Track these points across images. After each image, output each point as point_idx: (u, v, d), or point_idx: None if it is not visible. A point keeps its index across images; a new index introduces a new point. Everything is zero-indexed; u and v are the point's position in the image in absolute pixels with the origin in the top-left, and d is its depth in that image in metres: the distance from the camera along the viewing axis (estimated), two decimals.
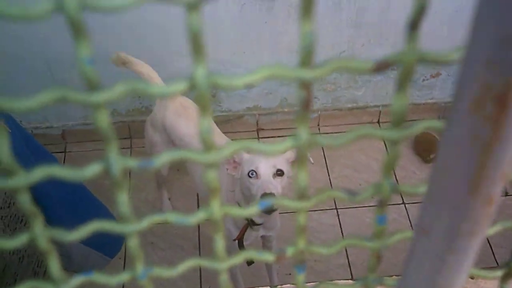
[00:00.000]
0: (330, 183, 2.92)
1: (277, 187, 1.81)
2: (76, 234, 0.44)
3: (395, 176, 2.93)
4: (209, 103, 0.37)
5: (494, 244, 2.66)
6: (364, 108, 3.14)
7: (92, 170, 0.41)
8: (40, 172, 0.41)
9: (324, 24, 2.71)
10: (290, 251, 0.44)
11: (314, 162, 2.14)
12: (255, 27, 2.72)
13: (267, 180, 1.82)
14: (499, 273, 0.44)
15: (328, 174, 2.95)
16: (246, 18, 2.67)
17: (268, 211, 1.88)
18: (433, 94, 3.10)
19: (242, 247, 2.10)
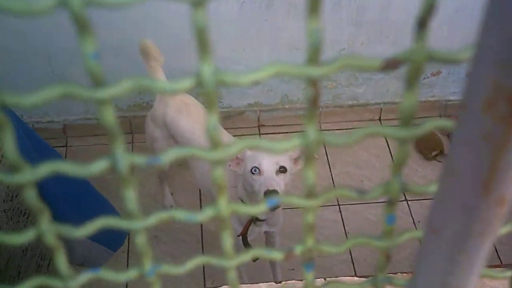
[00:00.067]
0: (332, 180, 2.91)
1: (280, 184, 1.81)
2: (83, 231, 0.44)
3: None
4: (215, 100, 0.37)
5: (497, 242, 2.66)
6: (365, 106, 3.14)
7: (98, 167, 0.40)
8: (46, 168, 0.41)
9: (324, 22, 2.70)
10: (298, 250, 0.44)
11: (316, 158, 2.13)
12: (255, 24, 2.71)
13: (270, 177, 1.82)
14: (509, 273, 0.44)
15: (330, 170, 2.94)
16: (246, 15, 2.67)
17: (272, 210, 1.88)
18: (433, 92, 3.09)
19: (246, 242, 2.10)
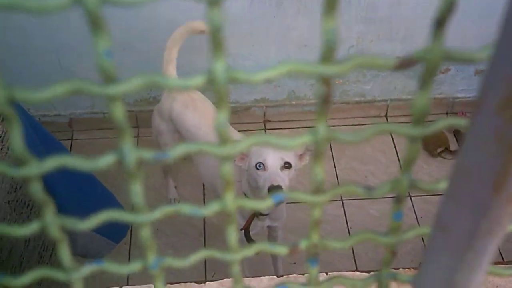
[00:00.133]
0: (336, 175, 2.91)
1: (284, 180, 1.81)
2: (87, 223, 0.44)
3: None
4: (227, 97, 0.37)
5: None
6: (371, 102, 3.13)
7: (105, 161, 0.40)
8: (53, 162, 0.41)
9: None
10: (303, 245, 0.44)
11: None
12: (264, 21, 2.71)
13: (275, 172, 1.82)
14: None
15: (334, 166, 2.94)
16: (256, 12, 2.66)
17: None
18: (442, 89, 3.08)
19: (249, 237, 2.10)
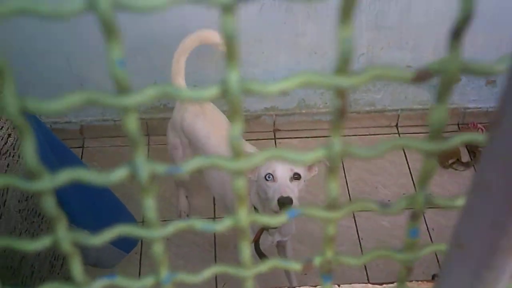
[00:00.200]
0: (347, 186, 2.89)
1: (294, 191, 1.80)
2: (100, 238, 0.43)
3: (413, 181, 2.90)
4: (240, 109, 0.36)
5: None
6: (382, 112, 3.11)
7: (118, 175, 0.40)
8: (66, 175, 0.40)
9: None
10: (317, 261, 0.43)
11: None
12: (274, 28, 2.71)
13: (284, 184, 1.80)
14: None
15: (345, 177, 2.92)
16: (265, 18, 2.66)
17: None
18: (452, 99, 3.06)
19: (259, 250, 2.08)
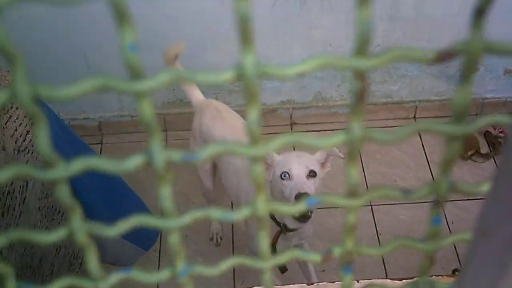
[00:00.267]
0: (365, 179, 2.87)
1: (311, 188, 1.77)
2: (115, 229, 0.42)
3: (431, 174, 2.87)
4: (257, 94, 0.35)
5: None
6: (399, 103, 3.09)
7: (133, 162, 0.39)
8: (80, 164, 0.40)
9: None
10: (336, 252, 0.42)
11: None
12: (288, 20, 2.69)
13: (301, 181, 1.79)
14: None
15: (363, 170, 2.90)
16: (279, 11, 2.65)
17: (303, 219, 1.85)
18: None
19: (275, 253, 2.05)
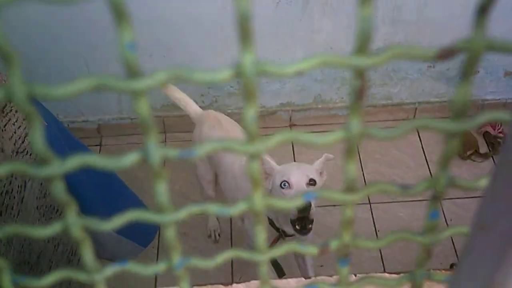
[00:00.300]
0: (364, 179, 2.87)
1: None
2: (111, 224, 0.42)
3: (431, 174, 2.87)
4: (255, 92, 0.36)
5: None
6: (399, 105, 3.09)
7: (130, 159, 0.39)
8: (75, 161, 0.40)
9: None
10: (333, 245, 0.42)
11: None
12: (290, 24, 2.70)
13: (301, 190, 1.78)
14: None
15: (362, 169, 2.91)
16: (281, 15, 2.65)
17: (303, 231, 1.83)
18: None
19: (275, 261, 2.05)
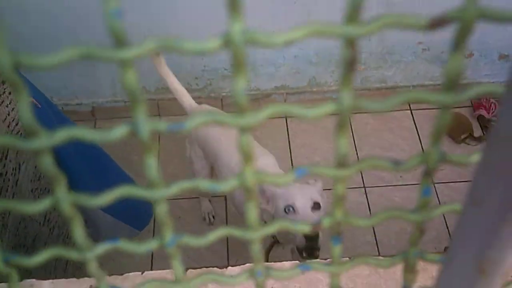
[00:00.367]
0: None
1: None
2: (101, 199, 0.42)
3: None
4: (245, 61, 0.35)
5: None
6: (393, 88, 3.09)
7: (118, 132, 0.38)
8: (63, 133, 0.39)
9: None
10: (326, 222, 0.42)
11: None
12: (284, 7, 2.68)
13: (307, 214, 1.68)
14: None
15: (356, 153, 2.91)
16: None
17: (311, 255, 1.72)
18: (465, 74, 3.03)
19: (268, 261, 2.02)
